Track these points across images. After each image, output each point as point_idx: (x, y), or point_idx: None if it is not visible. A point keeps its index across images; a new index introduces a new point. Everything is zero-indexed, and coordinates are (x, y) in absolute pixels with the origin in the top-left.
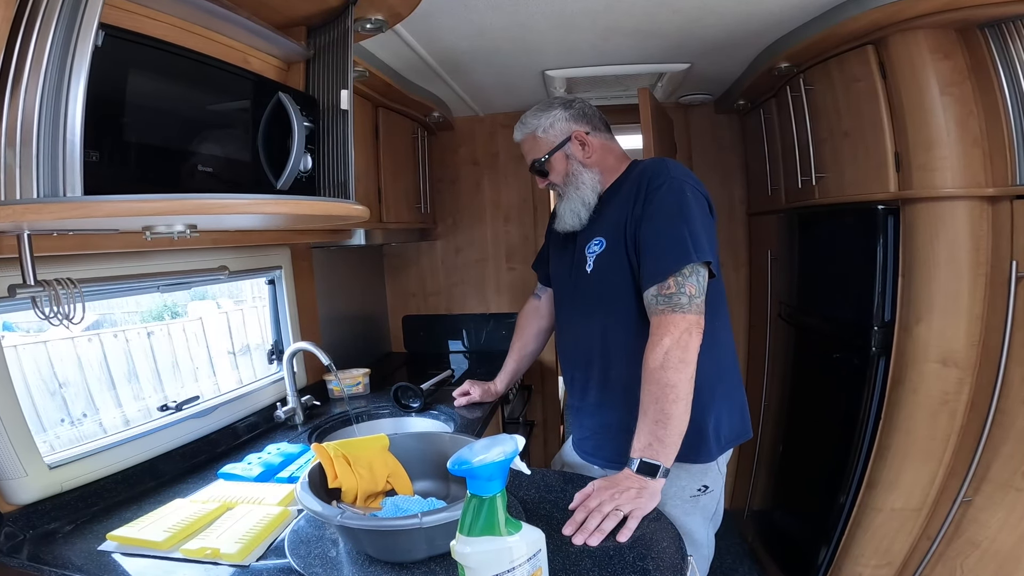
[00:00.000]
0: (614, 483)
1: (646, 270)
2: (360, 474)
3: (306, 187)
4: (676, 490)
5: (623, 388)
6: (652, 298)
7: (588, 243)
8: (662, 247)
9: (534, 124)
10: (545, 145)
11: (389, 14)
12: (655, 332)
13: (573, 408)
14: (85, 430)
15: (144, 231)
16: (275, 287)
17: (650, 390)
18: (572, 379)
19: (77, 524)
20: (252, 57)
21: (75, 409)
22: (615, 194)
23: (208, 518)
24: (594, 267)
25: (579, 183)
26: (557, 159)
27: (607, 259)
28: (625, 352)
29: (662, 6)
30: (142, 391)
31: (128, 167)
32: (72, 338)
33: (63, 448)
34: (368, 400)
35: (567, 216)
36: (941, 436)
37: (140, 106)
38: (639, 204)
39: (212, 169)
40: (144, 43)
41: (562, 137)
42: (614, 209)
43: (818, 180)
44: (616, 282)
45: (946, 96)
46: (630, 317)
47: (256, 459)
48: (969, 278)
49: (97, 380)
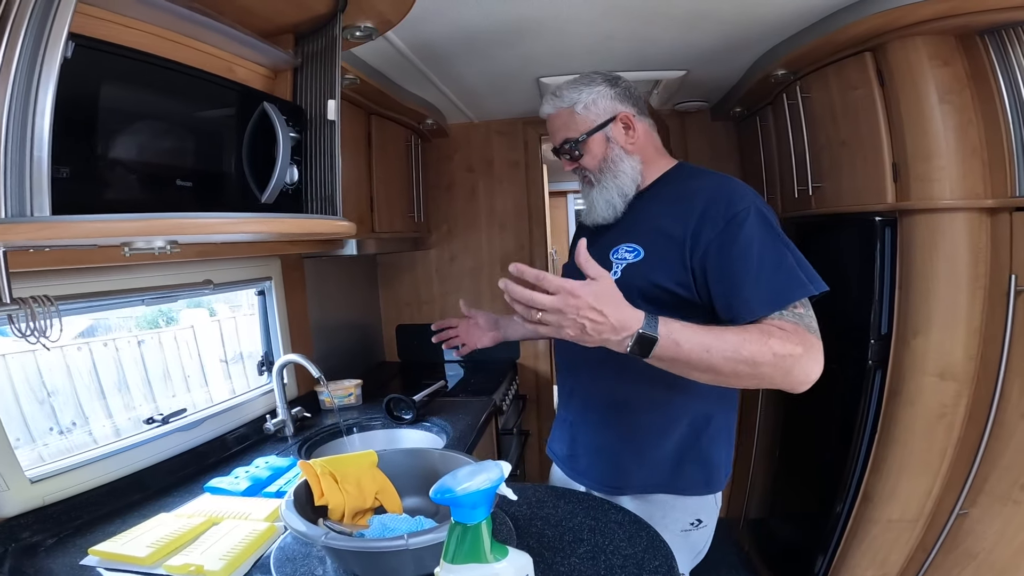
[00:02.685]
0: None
1: (740, 299)
2: (347, 491)
3: (292, 200)
4: (668, 522)
5: (631, 411)
6: (777, 316)
7: (615, 247)
8: (768, 277)
9: (573, 98)
10: (584, 124)
11: (379, 21)
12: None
13: (567, 422)
14: (75, 440)
15: (123, 247)
16: (265, 298)
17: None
18: (572, 391)
19: (60, 537)
20: (237, 66)
21: (64, 418)
22: (656, 196)
23: (193, 533)
24: (623, 276)
25: (618, 171)
26: (595, 141)
27: (641, 271)
28: (639, 372)
29: (658, 13)
30: (132, 400)
31: (100, 183)
32: (61, 347)
33: (50, 459)
34: (360, 411)
35: (600, 206)
36: (938, 448)
37: (114, 119)
38: (711, 228)
39: (192, 183)
40: (118, 53)
41: (605, 117)
42: (658, 216)
43: (815, 190)
44: (647, 297)
45: (945, 104)
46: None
47: (244, 473)
48: (968, 291)
49: (87, 389)
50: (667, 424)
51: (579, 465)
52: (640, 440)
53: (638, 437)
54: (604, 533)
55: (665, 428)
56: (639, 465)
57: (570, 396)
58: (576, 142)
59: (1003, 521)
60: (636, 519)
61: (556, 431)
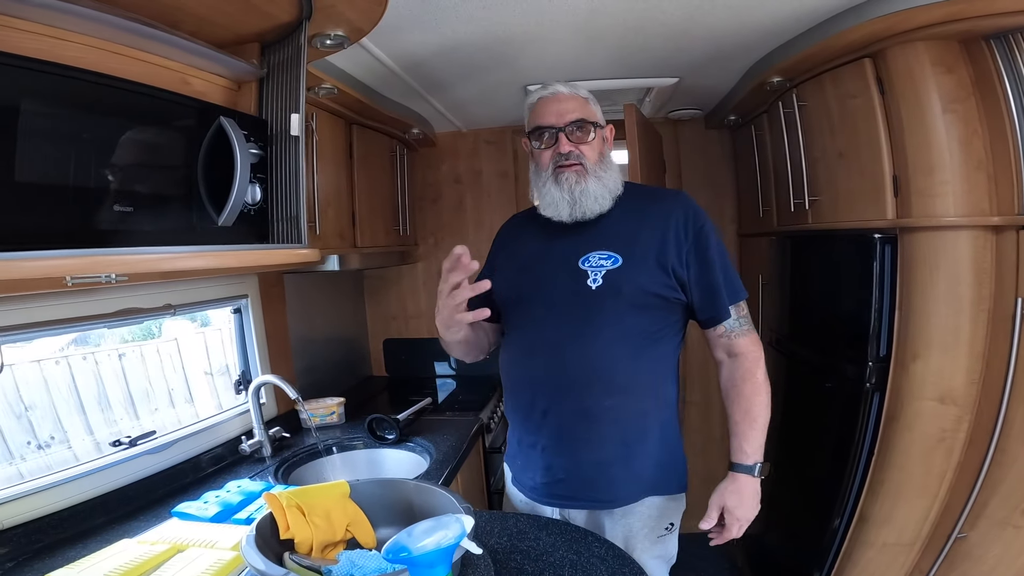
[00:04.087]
0: (741, 492)
1: (720, 298)
2: (315, 524)
3: (255, 221)
4: (647, 530)
5: (619, 418)
6: (734, 321)
7: (584, 255)
8: (729, 278)
9: (585, 93)
10: (593, 115)
11: (349, 29)
12: (751, 349)
13: (535, 448)
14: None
15: (64, 277)
16: (241, 316)
17: (761, 400)
18: (545, 412)
19: (19, 561)
20: (193, 77)
21: (42, 433)
22: (621, 209)
23: (155, 561)
24: (604, 281)
25: (610, 170)
26: (600, 136)
27: (625, 276)
28: (627, 377)
29: (648, 18)
30: (113, 415)
31: (21, 212)
32: (39, 360)
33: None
34: (342, 430)
35: (592, 196)
36: (937, 472)
37: (36, 141)
38: (686, 237)
39: (132, 208)
40: (42, 69)
41: (603, 122)
42: (629, 227)
43: (811, 203)
44: (634, 303)
45: (948, 114)
46: (637, 340)
47: (214, 497)
48: (970, 314)
49: (65, 403)
50: (646, 430)
51: (560, 490)
52: (626, 449)
53: (624, 447)
54: (586, 569)
55: (645, 434)
56: (628, 474)
57: (543, 417)
58: (595, 125)
59: (1003, 545)
60: (619, 553)
61: (519, 460)
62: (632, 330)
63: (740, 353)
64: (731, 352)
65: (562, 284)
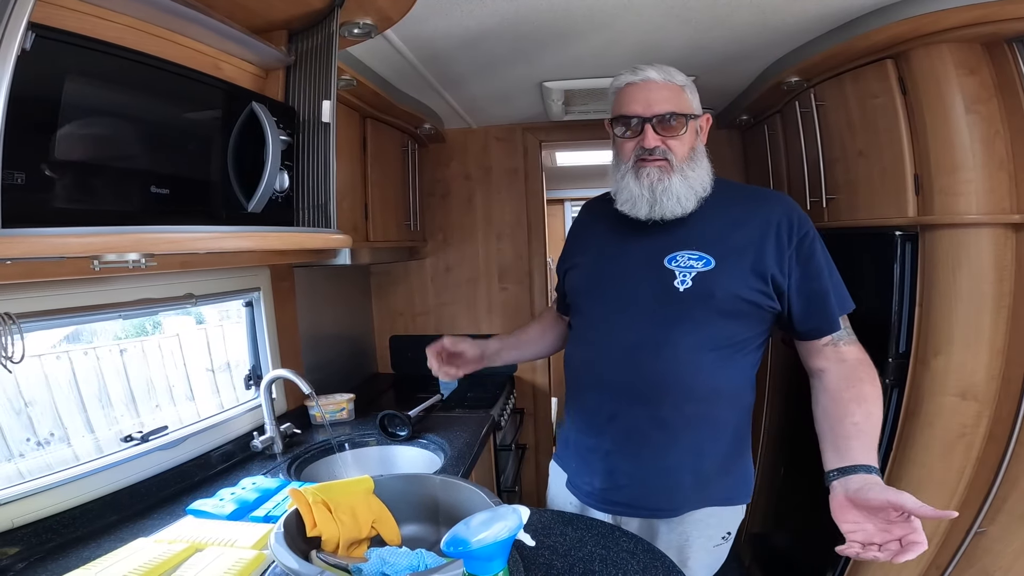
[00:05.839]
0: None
1: (829, 308)
2: (342, 521)
3: (282, 209)
4: (704, 540)
5: (696, 426)
6: (845, 331)
7: (671, 254)
8: (838, 288)
9: (682, 80)
10: (687, 106)
11: (378, 18)
12: (863, 355)
13: (599, 452)
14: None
15: (91, 260)
16: (253, 310)
17: (875, 411)
18: (612, 416)
19: (31, 561)
20: (224, 63)
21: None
22: (715, 207)
23: (173, 561)
24: (694, 284)
25: (700, 167)
26: (692, 128)
27: (718, 281)
28: (709, 387)
29: (670, 17)
30: (114, 412)
31: (62, 190)
32: (39, 356)
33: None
34: (352, 427)
35: (675, 196)
36: (956, 468)
37: (79, 120)
38: (789, 242)
39: (169, 190)
40: (86, 46)
41: (698, 112)
42: (723, 228)
43: (828, 201)
44: (723, 308)
45: (971, 114)
46: (723, 349)
47: (229, 495)
48: (992, 310)
49: (66, 399)
50: (721, 439)
51: (620, 496)
52: (698, 459)
53: (697, 456)
54: (616, 564)
55: (719, 443)
56: (696, 482)
57: (609, 421)
58: (688, 117)
59: (1022, 540)
60: (648, 547)
61: (579, 463)
62: (718, 337)
63: (855, 359)
64: (840, 359)
65: (644, 282)
